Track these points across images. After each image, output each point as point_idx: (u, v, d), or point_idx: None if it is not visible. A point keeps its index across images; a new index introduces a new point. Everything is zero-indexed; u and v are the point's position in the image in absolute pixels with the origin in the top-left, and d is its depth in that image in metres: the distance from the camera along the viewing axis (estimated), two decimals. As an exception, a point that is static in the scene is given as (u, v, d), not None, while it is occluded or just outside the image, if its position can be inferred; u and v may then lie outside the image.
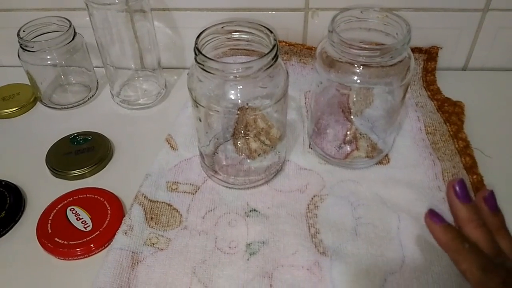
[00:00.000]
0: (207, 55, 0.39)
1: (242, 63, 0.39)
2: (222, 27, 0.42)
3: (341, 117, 0.52)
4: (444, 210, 0.43)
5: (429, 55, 0.62)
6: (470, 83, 0.61)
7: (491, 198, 0.34)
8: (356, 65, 0.42)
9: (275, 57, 0.40)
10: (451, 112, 0.55)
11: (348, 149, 0.50)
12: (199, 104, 0.43)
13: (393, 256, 0.40)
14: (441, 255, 0.40)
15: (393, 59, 0.41)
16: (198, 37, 0.41)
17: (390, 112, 0.49)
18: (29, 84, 0.59)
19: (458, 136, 0.51)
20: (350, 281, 0.38)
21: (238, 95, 0.41)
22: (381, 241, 0.42)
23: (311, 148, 0.51)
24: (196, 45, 0.40)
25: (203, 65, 0.39)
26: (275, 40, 0.40)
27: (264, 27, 0.41)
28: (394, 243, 0.41)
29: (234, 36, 0.42)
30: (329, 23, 0.43)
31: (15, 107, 0.58)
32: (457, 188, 0.34)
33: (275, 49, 0.39)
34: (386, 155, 0.50)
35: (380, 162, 0.49)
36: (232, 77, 0.39)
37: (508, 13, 0.57)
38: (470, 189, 0.45)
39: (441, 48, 0.61)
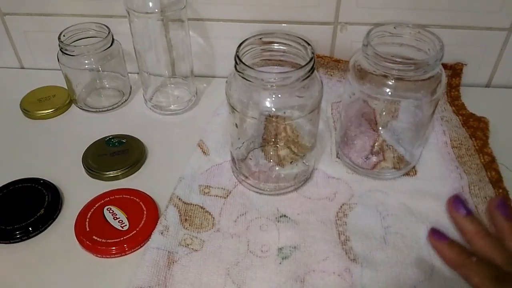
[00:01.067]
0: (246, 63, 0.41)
1: (280, 73, 0.41)
2: (260, 38, 0.44)
3: (368, 128, 0.53)
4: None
5: (453, 71, 0.63)
6: (494, 99, 0.63)
7: (503, 204, 0.34)
8: (389, 78, 0.43)
9: (312, 68, 0.41)
10: (476, 128, 0.56)
11: (375, 159, 0.52)
12: (236, 110, 0.44)
13: (422, 265, 0.41)
14: (469, 266, 0.41)
15: (426, 74, 0.43)
16: (239, 46, 0.42)
17: (418, 125, 0.50)
18: (65, 87, 0.61)
19: (484, 151, 0.52)
20: (381, 288, 0.39)
21: (273, 103, 0.43)
22: (410, 250, 0.43)
23: (339, 158, 0.53)
24: (237, 54, 0.41)
25: (242, 73, 0.41)
26: (312, 52, 0.42)
27: (302, 39, 0.43)
28: (423, 252, 0.42)
29: (273, 47, 0.44)
30: (364, 37, 0.44)
31: (51, 109, 0.60)
32: (456, 203, 0.35)
33: (313, 60, 0.41)
34: (413, 167, 0.51)
35: (407, 174, 0.51)
36: (269, 86, 0.41)
37: (533, 33, 0.59)
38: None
39: (466, 64, 0.63)
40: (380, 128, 0.53)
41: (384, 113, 0.52)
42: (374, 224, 0.45)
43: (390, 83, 0.44)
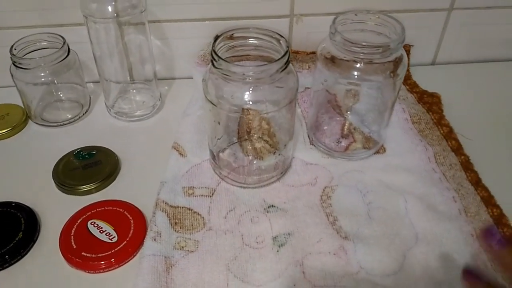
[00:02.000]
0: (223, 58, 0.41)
1: (259, 65, 0.42)
2: (232, 34, 0.45)
3: (335, 113, 0.56)
4: (442, 188, 0.48)
5: (402, 52, 0.67)
6: (440, 76, 0.68)
7: (491, 235, 0.33)
8: (358, 62, 0.46)
9: (288, 60, 0.43)
10: (430, 103, 0.60)
11: (346, 142, 0.54)
12: (214, 106, 0.44)
13: (407, 234, 0.44)
14: (449, 228, 0.44)
15: (391, 56, 0.46)
16: (214, 42, 0.43)
17: (382, 106, 0.53)
18: (18, 103, 0.58)
19: (441, 123, 0.57)
20: (375, 261, 0.42)
21: (251, 96, 0.43)
22: (393, 222, 0.45)
23: (313, 145, 0.55)
24: (214, 49, 0.42)
25: (221, 69, 0.41)
26: (287, 45, 0.43)
27: (276, 32, 0.44)
28: (405, 222, 0.45)
29: (247, 42, 0.45)
30: (331, 24, 0.46)
31: (6, 129, 0.56)
32: (488, 236, 0.33)
33: (288, 52, 0.42)
34: (382, 145, 0.54)
35: (377, 152, 0.54)
36: (248, 79, 0.42)
37: (469, 11, 0.64)
38: (461, 168, 0.50)
39: (412, 46, 0.67)
40: (347, 112, 0.56)
41: (347, 97, 0.55)
42: (357, 202, 0.47)
43: (359, 66, 0.46)
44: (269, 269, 0.41)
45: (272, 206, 0.47)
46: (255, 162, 0.51)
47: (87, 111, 0.60)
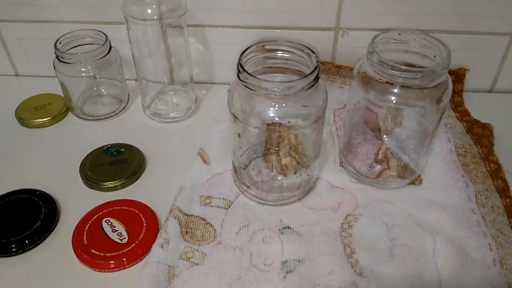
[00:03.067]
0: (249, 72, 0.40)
1: (284, 82, 0.40)
2: (263, 46, 0.43)
3: (372, 135, 0.52)
4: (478, 233, 0.44)
5: (456, 76, 0.62)
6: (497, 105, 0.62)
7: None
8: (394, 86, 0.42)
9: (317, 77, 0.40)
10: (480, 134, 0.55)
11: (379, 168, 0.50)
12: (237, 119, 0.43)
13: (430, 278, 0.40)
14: (478, 279, 0.40)
15: (432, 82, 0.42)
16: (241, 54, 0.41)
17: (423, 134, 0.49)
18: (61, 94, 0.60)
19: (489, 158, 0.51)
20: (388, 303, 0.38)
21: (277, 113, 0.42)
22: (417, 263, 0.41)
23: (343, 167, 0.52)
24: (240, 62, 0.40)
25: (245, 82, 0.40)
26: (317, 61, 0.41)
27: (306, 46, 0.42)
28: (430, 265, 0.41)
29: (276, 54, 0.43)
30: (369, 44, 0.43)
31: (47, 117, 0.59)
32: None
33: (317, 69, 0.40)
34: (419, 176, 0.50)
35: (412, 183, 0.50)
36: (273, 95, 0.40)
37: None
38: (503, 212, 0.45)
39: (468, 70, 0.62)
40: (384, 135, 0.52)
41: (388, 120, 0.51)
42: (380, 236, 0.44)
43: (396, 91, 0.43)
44: (272, 295, 0.39)
45: (288, 227, 0.45)
46: (279, 178, 0.49)
47: (124, 108, 0.61)
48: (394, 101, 0.44)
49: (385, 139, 0.52)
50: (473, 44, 0.60)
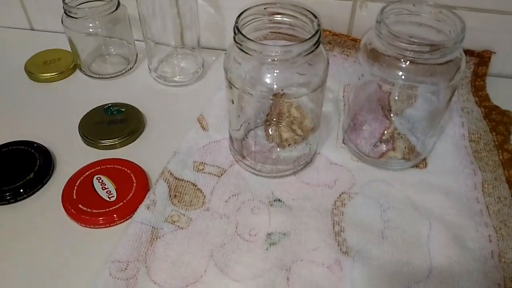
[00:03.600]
0: (246, 36, 0.38)
1: (281, 46, 0.38)
2: (264, 8, 0.41)
3: (380, 114, 0.50)
4: (479, 223, 0.41)
5: (481, 59, 0.58)
6: (523, 92, 0.58)
7: None
8: (402, 60, 0.40)
9: (317, 43, 0.38)
10: (498, 121, 0.51)
11: (384, 148, 0.48)
12: (233, 86, 0.42)
13: (419, 264, 0.38)
14: (472, 270, 0.38)
15: (443, 58, 0.39)
16: (239, 16, 0.39)
17: (432, 114, 0.46)
18: (70, 51, 0.60)
19: (504, 147, 0.48)
20: (371, 285, 0.37)
21: (274, 79, 0.40)
22: (409, 248, 0.40)
23: (345, 144, 0.49)
24: (236, 24, 0.38)
25: (241, 45, 0.38)
26: (318, 25, 0.38)
27: (308, 11, 0.39)
28: (422, 251, 0.39)
29: (276, 18, 0.41)
30: (378, 13, 0.40)
31: (55, 72, 0.59)
32: None
33: (318, 35, 0.38)
34: (424, 159, 0.48)
35: (416, 166, 0.47)
36: (269, 60, 0.38)
37: None
38: (511, 204, 0.43)
39: (494, 52, 0.58)
40: (393, 115, 0.49)
41: (398, 99, 0.48)
42: (373, 217, 0.42)
43: (403, 65, 0.40)
44: (252, 266, 0.38)
45: (279, 200, 0.44)
46: (277, 150, 0.48)
47: (131, 68, 0.61)
48: (403, 77, 0.41)
49: (394, 119, 0.50)
50: (502, 24, 0.55)
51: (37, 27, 0.69)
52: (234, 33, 0.38)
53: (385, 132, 0.50)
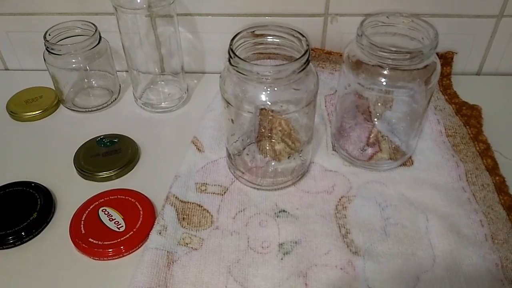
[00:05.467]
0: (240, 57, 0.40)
1: (275, 65, 0.40)
2: (253, 31, 0.43)
3: (363, 120, 0.53)
4: (470, 210, 0.45)
5: (444, 59, 0.63)
6: (485, 87, 0.63)
7: None
8: (384, 68, 0.43)
9: (307, 60, 0.41)
10: (469, 116, 0.56)
11: (371, 151, 0.51)
12: (230, 105, 0.43)
13: (424, 255, 0.41)
14: (470, 254, 0.41)
15: (421, 63, 0.42)
16: (232, 39, 0.41)
17: (412, 116, 0.50)
18: (52, 87, 0.60)
19: (479, 138, 0.52)
20: (384, 280, 0.39)
21: (269, 97, 0.42)
22: (411, 241, 0.42)
23: (335, 151, 0.52)
24: (231, 47, 0.41)
25: (237, 67, 0.40)
26: (307, 44, 0.41)
27: (296, 31, 0.42)
28: (424, 242, 0.42)
29: (267, 40, 0.43)
30: (358, 27, 0.44)
31: (38, 110, 0.59)
32: None
33: (308, 52, 0.40)
34: (410, 157, 0.51)
35: (404, 164, 0.50)
36: (264, 79, 0.40)
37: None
38: (494, 190, 0.46)
39: (456, 53, 0.63)
40: (375, 119, 0.53)
41: (378, 104, 0.52)
42: (374, 216, 0.45)
43: (385, 72, 0.43)
44: (270, 277, 0.40)
45: (284, 211, 0.46)
46: (272, 163, 0.50)
47: (115, 99, 0.61)
48: (385, 83, 0.44)
49: (376, 122, 0.53)
50: (461, 27, 0.60)
51: (11, 66, 0.68)
52: (230, 56, 0.40)
53: (370, 136, 0.53)
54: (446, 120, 0.56)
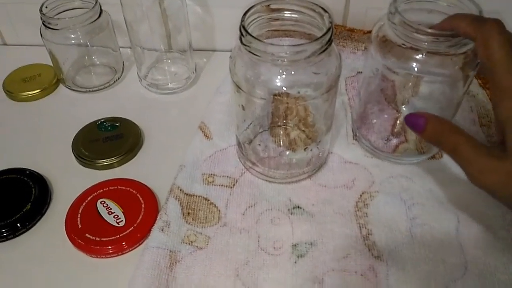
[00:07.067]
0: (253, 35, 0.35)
1: (293, 45, 0.35)
2: (268, 5, 0.38)
3: (388, 105, 0.48)
4: (506, 210, 0.40)
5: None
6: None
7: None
8: (419, 51, 0.38)
9: (330, 40, 0.36)
10: (506, 102, 0.50)
11: (396, 141, 0.46)
12: (241, 90, 0.39)
13: (454, 261, 0.37)
14: (507, 261, 0.37)
15: (462, 48, 0.37)
16: (244, 15, 0.36)
17: (444, 105, 0.45)
18: (51, 64, 0.56)
19: (517, 129, 0.47)
20: (409, 289, 0.35)
21: (285, 81, 0.37)
22: (440, 245, 0.38)
23: (356, 140, 0.48)
24: (243, 24, 0.36)
25: (249, 46, 0.35)
26: (330, 21, 0.36)
27: (317, 5, 0.37)
28: (454, 247, 0.38)
29: (284, 15, 0.38)
30: (390, 2, 0.38)
31: (37, 89, 0.55)
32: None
33: (331, 31, 0.35)
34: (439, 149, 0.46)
35: (432, 157, 0.46)
36: (280, 61, 0.35)
37: None
38: None
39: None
40: (402, 105, 0.48)
41: (406, 89, 0.47)
42: (398, 215, 0.40)
43: (419, 57, 0.38)
44: (283, 282, 0.36)
45: (298, 207, 0.41)
46: (287, 153, 0.45)
47: (118, 78, 0.57)
48: (416, 68, 0.39)
49: (403, 109, 0.48)
50: (505, 4, 0.54)
51: (10, 41, 0.64)
52: (241, 34, 0.35)
53: (396, 124, 0.48)
54: (480, 107, 0.50)
